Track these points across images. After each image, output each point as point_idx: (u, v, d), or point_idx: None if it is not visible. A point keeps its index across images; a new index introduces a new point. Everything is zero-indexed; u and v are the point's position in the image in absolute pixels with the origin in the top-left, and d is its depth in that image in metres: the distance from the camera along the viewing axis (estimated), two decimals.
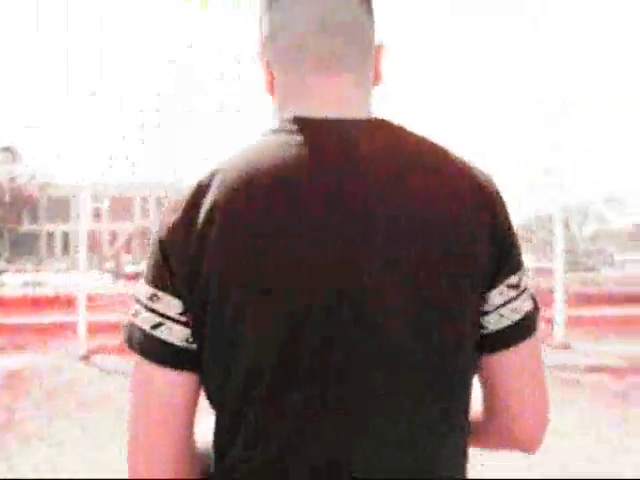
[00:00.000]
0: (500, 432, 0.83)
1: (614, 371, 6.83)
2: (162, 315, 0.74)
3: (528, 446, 0.83)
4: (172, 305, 0.74)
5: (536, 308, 0.82)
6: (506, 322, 0.78)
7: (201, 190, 0.74)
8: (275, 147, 0.75)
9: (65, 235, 61.83)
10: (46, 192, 51.99)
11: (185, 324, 0.74)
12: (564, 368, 6.95)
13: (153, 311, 0.75)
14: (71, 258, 57.50)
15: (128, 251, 57.08)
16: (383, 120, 0.80)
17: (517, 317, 0.79)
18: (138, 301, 0.76)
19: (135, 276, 36.33)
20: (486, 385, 0.82)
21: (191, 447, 0.78)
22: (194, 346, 0.74)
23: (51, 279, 29.95)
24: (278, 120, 0.82)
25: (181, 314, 0.74)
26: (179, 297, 0.73)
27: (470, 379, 0.79)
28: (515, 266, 0.79)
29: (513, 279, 0.79)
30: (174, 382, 0.74)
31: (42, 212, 58.40)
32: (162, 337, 0.74)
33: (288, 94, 0.82)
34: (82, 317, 8.65)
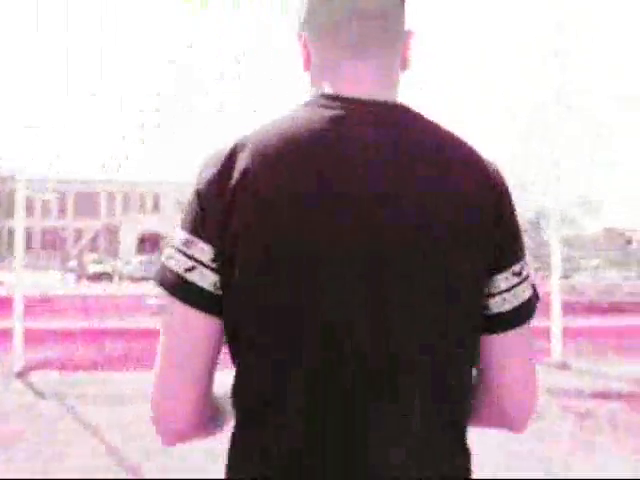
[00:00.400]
0: (492, 407, 0.89)
1: (624, 397, 6.01)
2: (195, 259, 0.80)
3: (517, 422, 0.89)
4: (205, 251, 0.79)
5: (535, 296, 0.89)
6: (508, 306, 0.85)
7: (237, 151, 0.81)
8: (303, 120, 0.82)
9: (28, 231, 59.83)
10: (6, 187, 50.02)
11: (215, 270, 0.80)
12: (569, 394, 6.11)
13: (187, 255, 0.80)
14: (35, 255, 55.65)
15: (94, 249, 55.45)
16: (402, 105, 0.87)
17: (517, 302, 0.86)
18: (172, 246, 0.82)
19: (99, 276, 34.97)
20: (484, 362, 0.87)
21: (209, 388, 0.84)
22: (220, 292, 0.80)
23: (8, 278, 28.47)
24: (311, 94, 0.91)
25: (212, 260, 0.79)
26: (212, 244, 0.79)
27: (471, 359, 0.85)
28: (519, 254, 0.86)
29: (517, 266, 0.85)
30: (200, 323, 0.80)
31: (2, 208, 56.31)
32: (194, 280, 0.80)
33: (321, 72, 0.89)
34: (19, 326, 7.51)
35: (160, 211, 59.12)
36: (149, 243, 52.73)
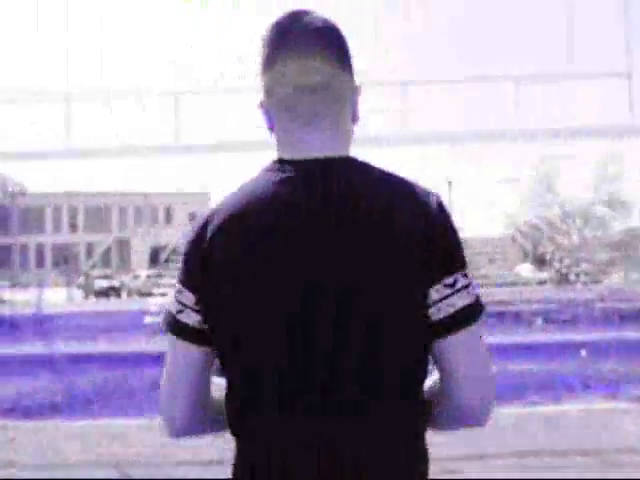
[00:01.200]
0: (456, 408, 1.03)
1: None
2: (183, 304, 1.06)
3: (482, 417, 1.04)
4: (189, 298, 1.05)
5: (475, 304, 1.01)
6: (443, 314, 0.99)
7: (208, 221, 1.04)
8: (262, 184, 1.04)
9: (40, 247, 58.90)
10: (17, 202, 49.04)
11: (197, 312, 1.05)
12: None
13: (178, 301, 1.07)
14: (47, 272, 54.65)
15: (106, 264, 54.29)
16: (349, 159, 1.07)
17: (452, 310, 0.99)
18: (172, 294, 1.08)
19: (107, 292, 33.55)
20: (439, 366, 1.02)
21: (206, 395, 1.10)
22: (206, 327, 1.04)
23: (14, 296, 27.16)
24: (273, 158, 1.10)
25: (195, 304, 1.05)
26: (193, 293, 1.04)
27: (421, 360, 1.01)
28: (451, 268, 1.00)
29: (449, 279, 0.99)
30: (189, 351, 1.06)
31: (14, 223, 55.37)
32: (182, 319, 1.06)
33: (280, 138, 1.11)
34: None
35: (173, 223, 57.89)
36: (162, 255, 51.42)
